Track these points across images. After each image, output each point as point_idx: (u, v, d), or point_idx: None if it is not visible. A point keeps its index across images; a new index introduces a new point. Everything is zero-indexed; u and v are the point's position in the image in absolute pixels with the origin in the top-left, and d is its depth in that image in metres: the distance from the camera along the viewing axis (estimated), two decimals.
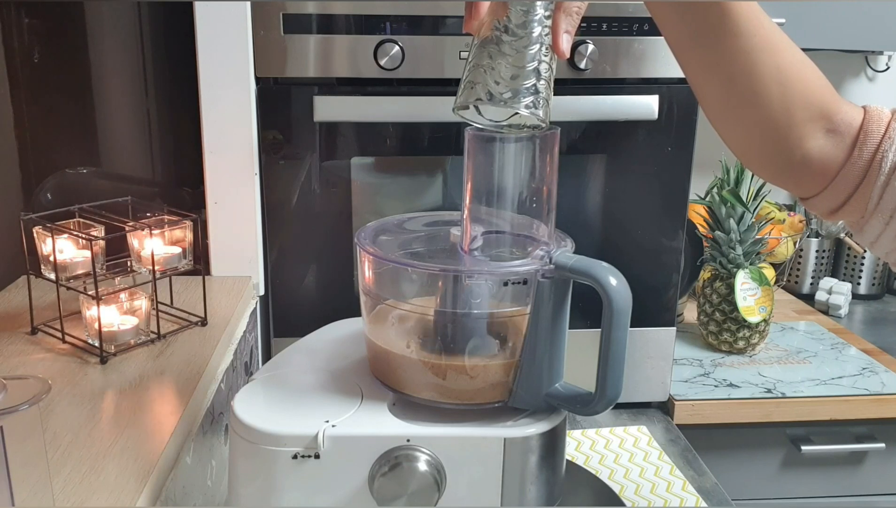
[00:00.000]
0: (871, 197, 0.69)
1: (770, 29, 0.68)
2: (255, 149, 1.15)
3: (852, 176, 0.70)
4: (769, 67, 0.67)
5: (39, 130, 1.23)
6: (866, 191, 0.69)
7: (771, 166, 0.74)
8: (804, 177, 0.72)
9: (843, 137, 0.70)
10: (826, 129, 0.70)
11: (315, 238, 1.18)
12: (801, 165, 0.71)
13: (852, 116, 0.70)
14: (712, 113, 0.72)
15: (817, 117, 0.70)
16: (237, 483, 0.70)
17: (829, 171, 0.71)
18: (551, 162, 0.69)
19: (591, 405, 0.68)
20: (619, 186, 1.22)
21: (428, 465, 0.66)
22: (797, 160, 0.71)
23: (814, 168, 0.71)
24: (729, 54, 0.67)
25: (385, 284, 0.71)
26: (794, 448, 1.36)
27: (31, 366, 0.89)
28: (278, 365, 0.79)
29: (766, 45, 0.67)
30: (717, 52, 0.67)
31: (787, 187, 0.76)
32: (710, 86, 0.70)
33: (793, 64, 0.69)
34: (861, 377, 1.41)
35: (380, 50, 1.10)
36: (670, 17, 0.68)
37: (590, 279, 0.65)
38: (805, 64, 0.69)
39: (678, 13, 0.67)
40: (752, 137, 0.72)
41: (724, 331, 1.47)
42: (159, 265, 0.98)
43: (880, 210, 0.69)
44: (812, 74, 0.70)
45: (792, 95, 0.68)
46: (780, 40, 0.68)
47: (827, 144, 0.70)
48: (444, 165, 1.21)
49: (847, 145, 0.70)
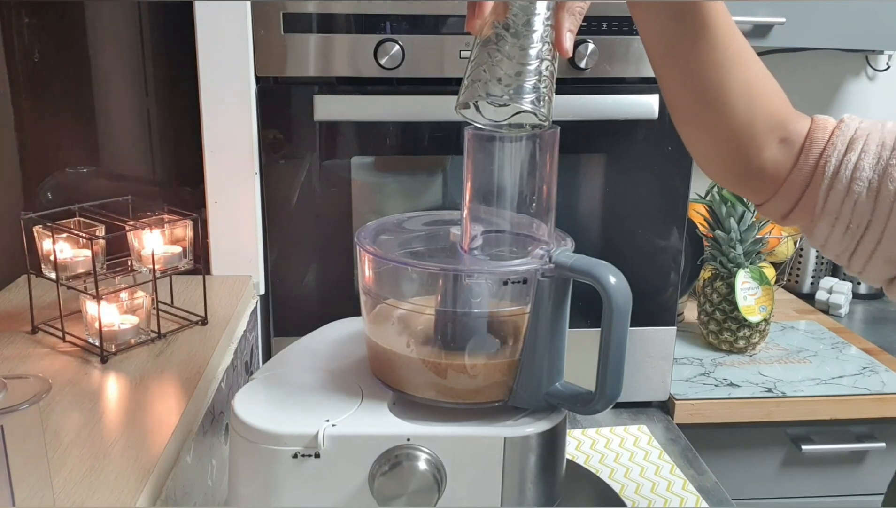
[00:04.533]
0: (817, 201, 0.73)
1: (742, 43, 0.72)
2: (256, 148, 1.15)
3: (798, 182, 0.74)
4: (739, 81, 0.71)
5: (39, 130, 1.23)
6: (812, 195, 0.73)
7: (730, 174, 0.78)
8: (758, 184, 0.76)
9: (793, 145, 0.74)
10: (780, 138, 0.74)
11: (315, 238, 1.18)
12: (757, 173, 0.75)
13: (802, 126, 0.74)
14: (680, 119, 0.76)
15: (775, 128, 0.74)
16: (237, 482, 0.70)
17: (779, 178, 0.75)
18: (551, 161, 0.69)
19: (592, 404, 0.68)
20: (619, 185, 1.22)
21: (428, 464, 0.66)
22: (754, 168, 0.75)
23: (766, 175, 0.75)
24: (704, 65, 0.70)
25: (385, 283, 0.71)
26: (794, 447, 1.36)
27: (31, 365, 0.89)
28: (278, 364, 0.79)
29: (738, 59, 0.71)
30: (692, 62, 0.70)
31: (744, 194, 0.80)
32: (681, 93, 0.74)
33: (758, 78, 0.73)
34: (861, 376, 1.41)
35: (380, 49, 1.10)
36: (652, 22, 0.71)
37: (590, 278, 0.65)
38: (769, 78, 0.74)
39: (660, 20, 0.70)
40: (716, 145, 0.76)
41: (724, 331, 1.47)
42: (160, 265, 0.98)
43: (826, 213, 0.72)
44: (774, 88, 0.74)
45: (756, 108, 0.73)
46: (749, 55, 0.73)
47: (779, 152, 0.74)
48: (444, 164, 1.21)
49: (795, 153, 0.74)
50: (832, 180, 0.72)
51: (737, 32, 0.71)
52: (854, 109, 1.90)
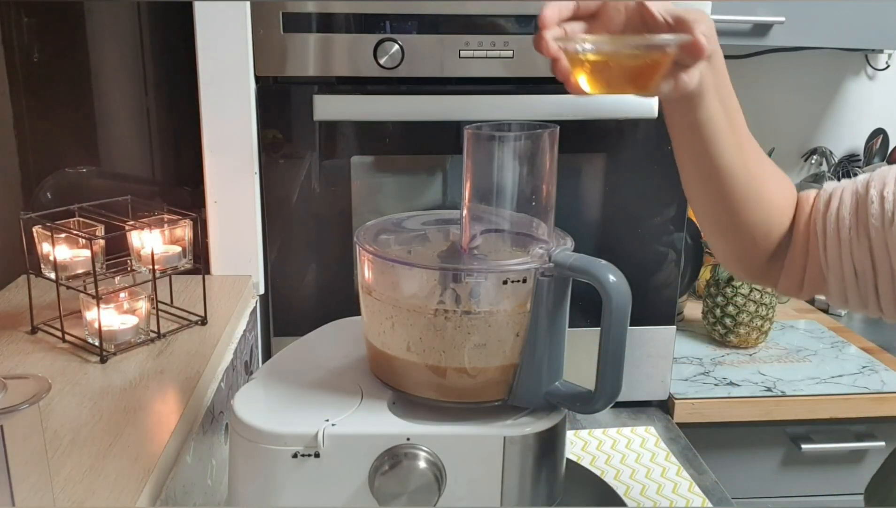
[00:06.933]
0: (820, 263, 0.78)
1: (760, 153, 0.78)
2: (255, 148, 1.15)
3: (797, 254, 0.79)
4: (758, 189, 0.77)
5: (39, 130, 1.23)
6: (814, 261, 0.78)
7: (755, 268, 0.83)
8: (774, 269, 0.82)
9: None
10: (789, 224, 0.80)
11: (315, 237, 1.18)
12: (772, 261, 0.82)
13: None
14: (710, 231, 0.82)
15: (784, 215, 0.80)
16: (237, 482, 0.70)
17: (783, 257, 0.81)
18: (551, 160, 0.69)
19: (591, 403, 0.68)
20: (619, 184, 1.22)
21: (428, 463, 0.66)
22: (769, 256, 0.81)
23: (776, 260, 0.81)
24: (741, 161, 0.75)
25: (385, 283, 0.71)
26: (794, 446, 1.36)
27: (31, 365, 0.89)
28: (278, 364, 0.79)
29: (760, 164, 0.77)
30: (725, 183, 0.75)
31: (764, 283, 0.86)
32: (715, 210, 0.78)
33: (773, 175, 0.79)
34: (861, 375, 1.41)
35: (379, 49, 1.10)
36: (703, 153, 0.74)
37: (589, 277, 0.65)
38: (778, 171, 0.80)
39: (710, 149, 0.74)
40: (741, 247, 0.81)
41: (727, 331, 1.48)
42: (159, 264, 0.98)
43: (831, 271, 0.77)
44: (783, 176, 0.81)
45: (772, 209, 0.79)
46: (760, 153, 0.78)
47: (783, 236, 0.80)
48: (444, 163, 1.21)
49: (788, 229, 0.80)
50: (823, 239, 0.77)
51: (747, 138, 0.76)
52: (854, 109, 1.90)
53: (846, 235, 0.75)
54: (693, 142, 0.74)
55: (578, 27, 0.66)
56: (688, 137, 0.74)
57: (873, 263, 0.74)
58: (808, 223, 0.79)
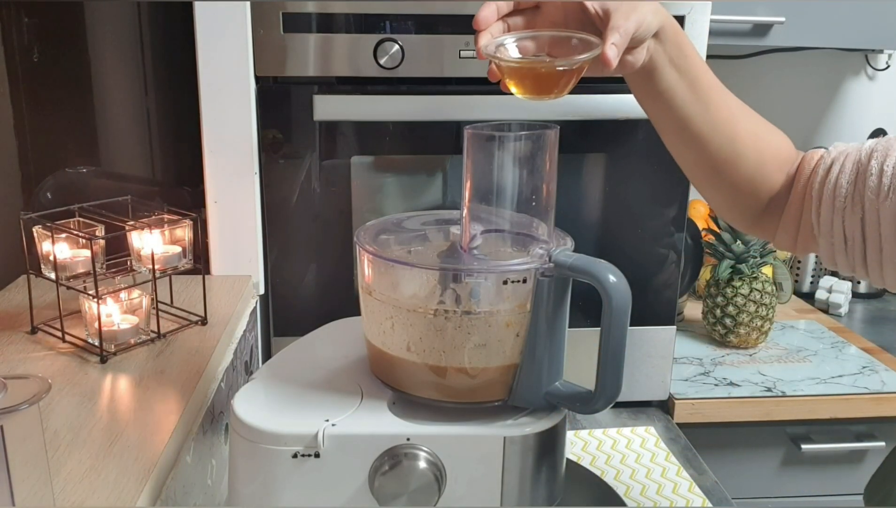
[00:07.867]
0: (812, 225, 0.78)
1: (735, 99, 0.79)
2: (255, 148, 1.15)
3: (793, 211, 0.80)
4: (747, 132, 0.79)
5: (39, 130, 1.23)
6: (808, 221, 0.79)
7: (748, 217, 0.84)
8: (768, 221, 0.83)
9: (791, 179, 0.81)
10: (788, 174, 0.81)
11: (315, 237, 1.18)
12: (767, 212, 0.82)
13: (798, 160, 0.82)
14: (700, 182, 0.83)
15: (783, 165, 0.81)
16: (237, 482, 0.70)
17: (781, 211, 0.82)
18: (551, 160, 0.69)
19: (591, 403, 0.68)
20: (619, 184, 1.22)
21: (428, 464, 0.66)
22: (765, 208, 0.82)
23: (773, 212, 0.82)
24: (715, 126, 0.77)
25: (385, 283, 0.71)
26: (794, 446, 1.36)
27: (31, 365, 0.89)
28: (278, 364, 0.79)
29: (739, 112, 0.79)
30: (705, 128, 0.77)
31: (758, 234, 0.87)
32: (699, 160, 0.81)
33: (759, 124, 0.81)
34: (861, 375, 1.41)
35: (379, 49, 1.10)
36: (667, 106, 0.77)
37: (589, 278, 0.65)
38: (766, 122, 0.81)
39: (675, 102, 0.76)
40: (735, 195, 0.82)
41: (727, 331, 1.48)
42: (159, 264, 0.98)
43: (822, 234, 0.78)
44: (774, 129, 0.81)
45: (764, 151, 0.80)
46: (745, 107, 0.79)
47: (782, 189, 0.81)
48: (444, 163, 1.21)
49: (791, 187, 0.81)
50: (818, 204, 0.77)
51: (725, 89, 0.78)
52: (854, 109, 1.90)
53: (840, 203, 0.75)
54: (657, 110, 0.78)
55: (521, 21, 0.71)
56: (650, 107, 0.78)
57: (864, 232, 0.74)
58: (808, 183, 0.79)
